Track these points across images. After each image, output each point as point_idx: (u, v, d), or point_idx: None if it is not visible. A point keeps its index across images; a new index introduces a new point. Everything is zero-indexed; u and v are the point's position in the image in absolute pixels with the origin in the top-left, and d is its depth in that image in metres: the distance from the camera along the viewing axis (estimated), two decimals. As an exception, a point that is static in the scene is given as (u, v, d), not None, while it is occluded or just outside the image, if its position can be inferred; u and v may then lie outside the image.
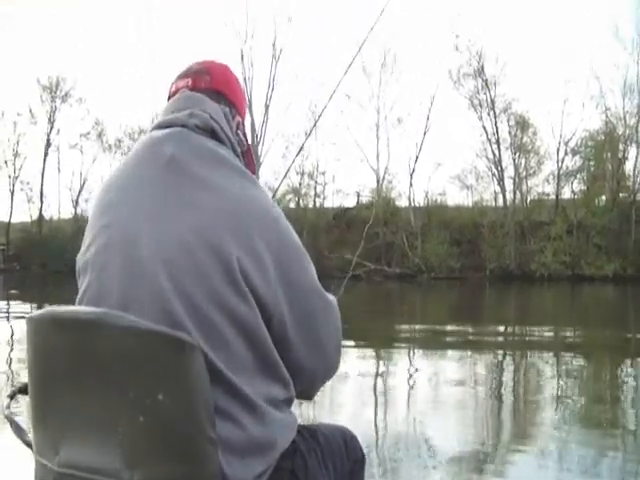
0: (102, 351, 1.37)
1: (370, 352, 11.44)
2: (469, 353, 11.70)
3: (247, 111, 1.84)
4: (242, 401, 1.43)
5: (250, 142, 1.79)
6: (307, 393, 1.69)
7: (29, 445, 1.89)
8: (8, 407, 1.94)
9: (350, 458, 1.72)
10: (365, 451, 1.85)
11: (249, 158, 1.75)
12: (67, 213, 47.65)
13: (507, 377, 9.72)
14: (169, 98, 1.70)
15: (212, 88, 1.69)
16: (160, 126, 1.60)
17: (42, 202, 47.12)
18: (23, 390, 1.98)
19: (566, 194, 42.05)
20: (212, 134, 1.58)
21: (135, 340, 1.35)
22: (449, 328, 15.06)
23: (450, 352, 11.75)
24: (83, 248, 1.58)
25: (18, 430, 1.90)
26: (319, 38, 69.27)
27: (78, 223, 43.86)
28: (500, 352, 12.06)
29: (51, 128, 47.10)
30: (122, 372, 1.36)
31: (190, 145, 1.53)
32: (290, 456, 1.54)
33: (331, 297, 1.67)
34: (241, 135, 1.73)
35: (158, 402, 1.32)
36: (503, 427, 6.61)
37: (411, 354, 11.69)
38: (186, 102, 1.63)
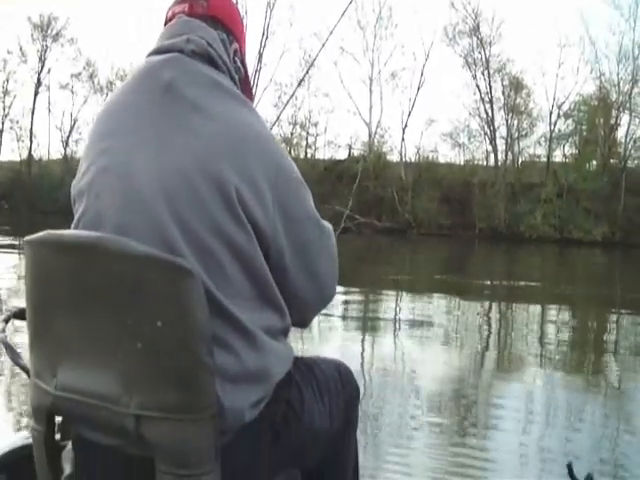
0: (101, 275, 1.35)
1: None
2: (457, 300, 11.86)
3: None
4: (238, 329, 1.42)
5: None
6: (302, 321, 1.68)
7: (23, 369, 1.89)
8: (3, 331, 1.94)
9: (345, 392, 1.72)
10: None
11: (246, 85, 1.72)
12: (57, 154, 47.35)
13: (493, 323, 9.85)
14: (165, 23, 1.67)
15: (209, 14, 1.65)
16: (156, 52, 1.58)
17: (32, 142, 46.75)
18: (18, 315, 1.97)
19: (557, 157, 42.22)
20: (209, 60, 1.56)
21: (134, 265, 1.33)
22: (437, 277, 15.17)
23: (437, 298, 11.90)
24: (78, 175, 1.54)
25: (13, 354, 1.90)
26: (317, -13, 68.11)
27: (68, 164, 43.57)
28: (487, 302, 12.22)
29: (42, 67, 46.52)
30: (121, 297, 1.34)
31: (187, 71, 1.50)
32: (286, 386, 1.54)
33: (327, 225, 1.66)
34: (239, 62, 1.69)
35: (156, 329, 1.31)
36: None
37: (399, 299, 11.81)
38: (183, 28, 1.59)
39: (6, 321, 1.98)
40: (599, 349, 8.54)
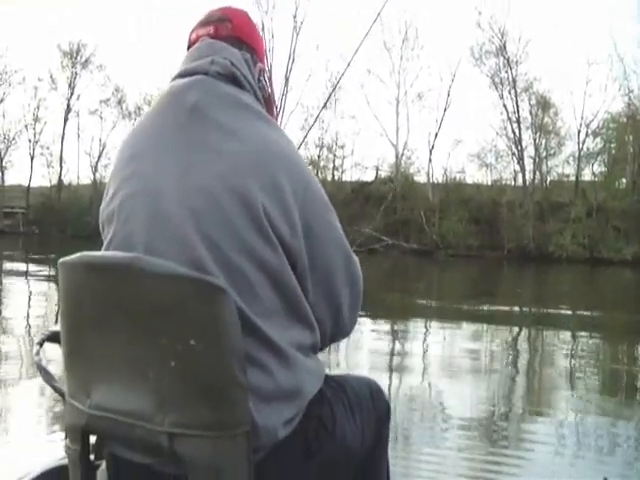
0: (135, 295, 1.37)
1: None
2: (485, 328, 11.74)
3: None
4: (270, 347, 1.43)
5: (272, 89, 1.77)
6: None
7: (57, 390, 1.92)
8: (37, 354, 1.99)
9: (376, 409, 1.71)
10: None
11: (271, 104, 1.73)
12: (86, 179, 47.98)
13: (522, 352, 9.73)
14: (189, 47, 1.68)
15: (233, 35, 1.67)
16: (181, 75, 1.59)
17: (61, 167, 47.42)
18: (51, 338, 2.00)
19: (586, 176, 41.89)
20: (234, 80, 1.57)
21: (167, 285, 1.34)
22: (466, 305, 15.04)
23: (465, 325, 11.79)
24: (107, 199, 1.55)
25: (47, 376, 1.94)
26: (340, 9, 68.64)
27: (97, 188, 44.08)
28: (516, 329, 12.07)
29: (71, 94, 47.45)
30: (154, 317, 1.35)
31: (212, 92, 1.52)
32: (318, 404, 1.53)
33: (355, 257, 1.65)
34: (263, 81, 1.70)
35: (190, 347, 1.32)
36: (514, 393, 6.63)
37: (428, 326, 11.71)
38: (207, 50, 1.61)
39: (40, 344, 2.01)
40: None
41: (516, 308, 15.04)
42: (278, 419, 1.42)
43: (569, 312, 14.74)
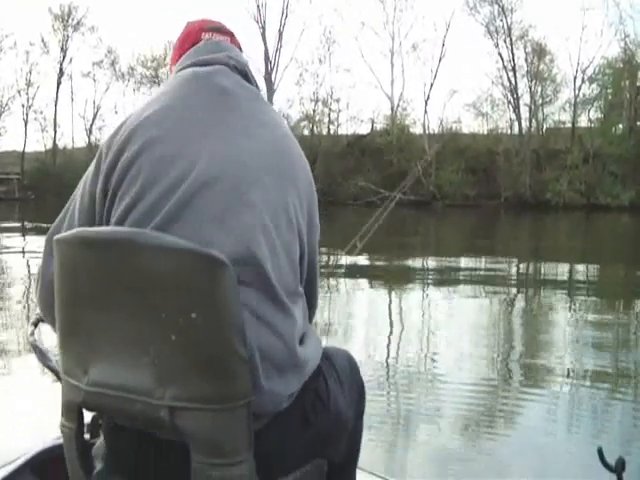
0: (135, 271, 1.37)
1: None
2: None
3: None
4: (293, 322, 1.50)
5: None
6: None
7: (53, 370, 1.91)
8: (32, 334, 1.97)
9: (356, 383, 1.77)
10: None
11: None
12: (80, 142, 47.64)
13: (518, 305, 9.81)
14: (193, 43, 1.73)
15: (238, 45, 1.78)
16: (200, 63, 1.63)
17: (55, 131, 47.09)
18: None
19: (582, 122, 41.68)
20: (246, 77, 1.65)
21: (170, 259, 1.35)
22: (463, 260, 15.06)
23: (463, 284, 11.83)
24: (123, 159, 1.50)
25: (42, 356, 1.94)
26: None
27: (92, 152, 43.73)
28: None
29: (63, 57, 46.87)
30: (154, 291, 1.36)
31: (236, 81, 1.60)
32: (314, 377, 1.58)
33: None
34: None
35: (191, 321, 1.33)
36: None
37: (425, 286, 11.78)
38: (223, 46, 1.69)
39: (35, 324, 1.99)
40: None
41: (514, 267, 15.05)
42: (285, 389, 1.47)
43: (566, 264, 14.79)
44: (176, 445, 1.38)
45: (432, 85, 42.73)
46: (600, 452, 1.70)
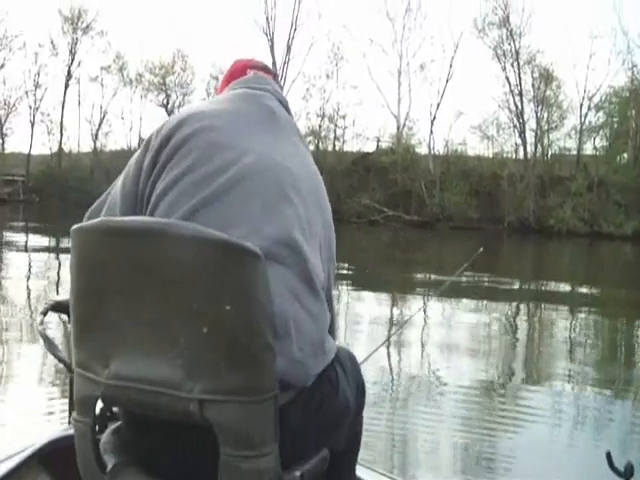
0: (165, 261, 1.36)
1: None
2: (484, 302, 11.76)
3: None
4: (323, 308, 1.62)
5: None
6: None
7: (61, 360, 1.91)
8: (41, 323, 1.99)
9: (357, 379, 1.81)
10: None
11: None
12: (86, 147, 47.67)
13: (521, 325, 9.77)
14: (236, 76, 1.87)
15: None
16: (248, 87, 1.78)
17: (62, 134, 47.10)
18: (56, 307, 2.01)
19: (588, 150, 41.71)
20: (286, 109, 1.82)
21: (203, 249, 1.35)
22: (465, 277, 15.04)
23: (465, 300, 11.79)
24: (171, 144, 1.60)
25: (52, 346, 1.95)
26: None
27: (97, 156, 43.98)
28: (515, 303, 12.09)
29: (72, 60, 46.79)
30: (185, 283, 1.35)
31: (280, 107, 1.78)
32: (329, 365, 1.63)
33: None
34: None
35: (224, 313, 1.33)
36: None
37: (426, 299, 11.73)
38: (268, 81, 1.85)
39: (44, 314, 2.01)
40: None
41: (515, 285, 15.03)
42: (313, 366, 1.55)
43: (568, 289, 14.75)
44: (200, 437, 1.39)
45: (438, 106, 42.85)
46: (609, 457, 1.68)
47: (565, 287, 15.17)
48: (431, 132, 42.98)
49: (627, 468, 1.66)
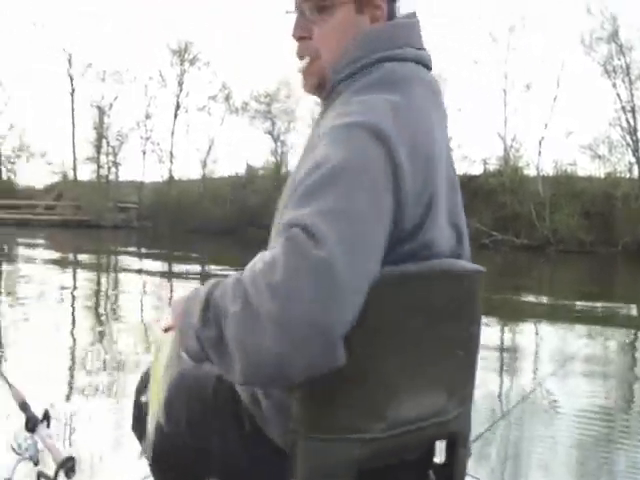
0: (446, 298, 1.43)
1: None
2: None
3: None
4: None
5: None
6: None
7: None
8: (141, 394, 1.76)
9: None
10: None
11: None
12: (195, 174, 49.00)
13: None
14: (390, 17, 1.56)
15: None
16: (419, 60, 1.54)
17: (172, 162, 48.59)
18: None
19: None
20: None
21: (468, 282, 1.47)
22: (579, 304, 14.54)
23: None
24: (416, 181, 1.35)
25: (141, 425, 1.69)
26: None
27: (206, 184, 45.08)
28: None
29: (180, 91, 48.45)
30: (449, 315, 1.43)
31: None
32: None
33: None
34: None
35: (471, 334, 1.47)
36: None
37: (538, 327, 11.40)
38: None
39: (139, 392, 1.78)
40: None
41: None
42: None
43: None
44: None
45: (546, 126, 41.98)
46: None
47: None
48: (539, 153, 42.17)
49: None
